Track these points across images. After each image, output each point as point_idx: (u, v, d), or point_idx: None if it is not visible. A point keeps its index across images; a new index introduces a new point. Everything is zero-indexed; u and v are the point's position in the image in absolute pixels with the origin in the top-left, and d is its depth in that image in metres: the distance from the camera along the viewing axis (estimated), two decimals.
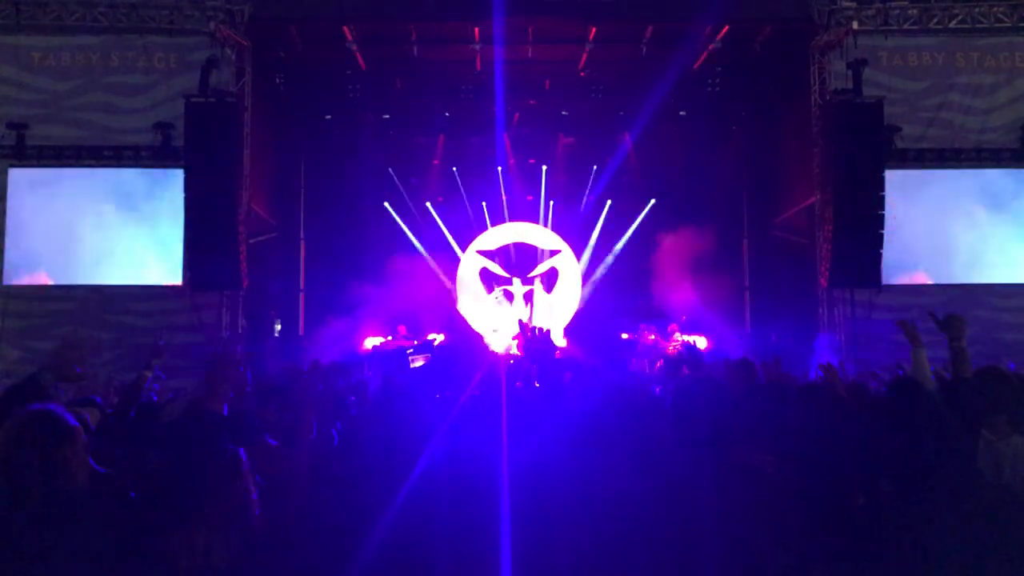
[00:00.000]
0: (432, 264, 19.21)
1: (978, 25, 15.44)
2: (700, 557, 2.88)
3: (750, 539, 2.88)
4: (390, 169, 19.17)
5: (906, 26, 15.39)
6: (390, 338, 17.08)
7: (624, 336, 17.72)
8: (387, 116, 18.02)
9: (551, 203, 19.84)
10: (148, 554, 2.73)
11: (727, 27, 15.37)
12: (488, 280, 19.81)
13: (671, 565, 2.91)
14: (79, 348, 3.92)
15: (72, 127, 14.99)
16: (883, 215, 14.35)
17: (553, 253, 19.97)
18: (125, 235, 15.05)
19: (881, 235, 14.39)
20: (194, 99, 14.01)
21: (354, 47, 15.79)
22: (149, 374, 5.71)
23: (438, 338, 17.18)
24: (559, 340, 16.98)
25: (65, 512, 2.68)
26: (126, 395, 5.07)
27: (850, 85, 14.52)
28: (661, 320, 17.84)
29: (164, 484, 2.79)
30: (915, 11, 15.39)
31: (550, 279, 19.86)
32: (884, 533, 2.82)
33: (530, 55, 16.76)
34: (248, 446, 3.32)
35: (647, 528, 3.01)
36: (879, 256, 14.48)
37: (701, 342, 16.86)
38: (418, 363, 14.56)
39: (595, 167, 19.42)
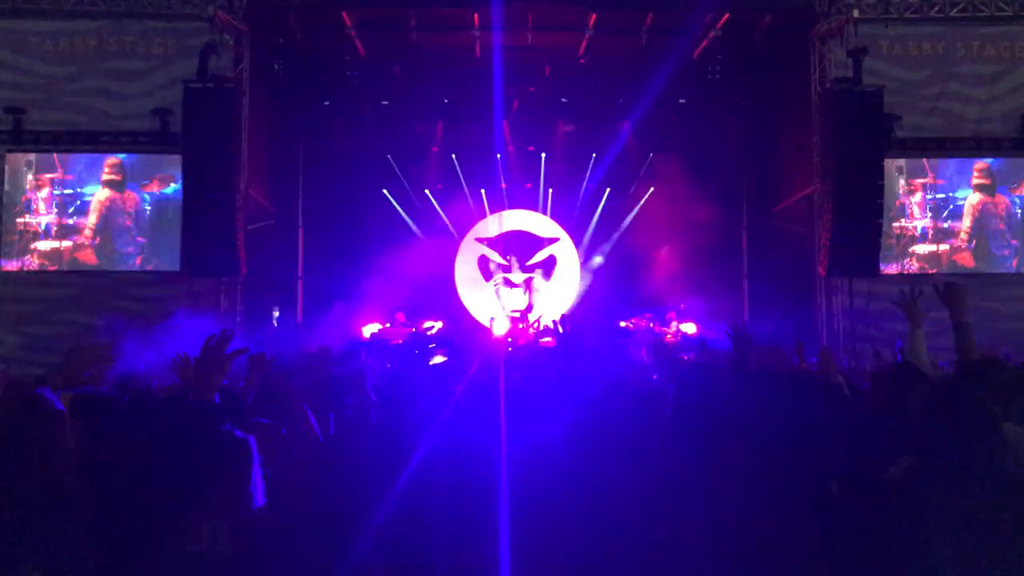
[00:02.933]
0: (431, 251, 19.18)
1: (979, 14, 15.41)
2: (694, 547, 2.89)
3: (742, 526, 2.88)
4: (389, 156, 19.11)
5: (907, 14, 15.36)
6: (388, 325, 17.09)
7: (622, 324, 17.76)
8: (386, 102, 17.96)
9: (550, 191, 19.81)
10: (150, 540, 2.74)
11: (727, 15, 15.30)
12: (487, 268, 19.81)
13: (666, 557, 2.91)
14: (89, 356, 4.03)
15: (70, 112, 14.97)
16: (882, 204, 14.37)
17: (552, 241, 19.97)
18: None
19: (880, 224, 14.41)
20: (192, 85, 13.97)
21: (353, 33, 15.72)
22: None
23: (436, 325, 17.20)
24: (558, 329, 16.94)
25: (52, 496, 2.69)
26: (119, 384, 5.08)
27: (850, 73, 14.48)
28: (659, 308, 17.87)
29: (157, 473, 2.80)
30: None
31: (548, 267, 19.86)
32: (874, 519, 2.83)
33: (530, 42, 16.70)
34: (246, 431, 3.32)
35: (642, 518, 3.01)
36: (878, 245, 14.51)
37: (690, 328, 16.96)
38: (438, 359, 14.55)
39: (594, 155, 19.38)
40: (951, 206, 15.85)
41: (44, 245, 14.99)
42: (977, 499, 2.61)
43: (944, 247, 15.78)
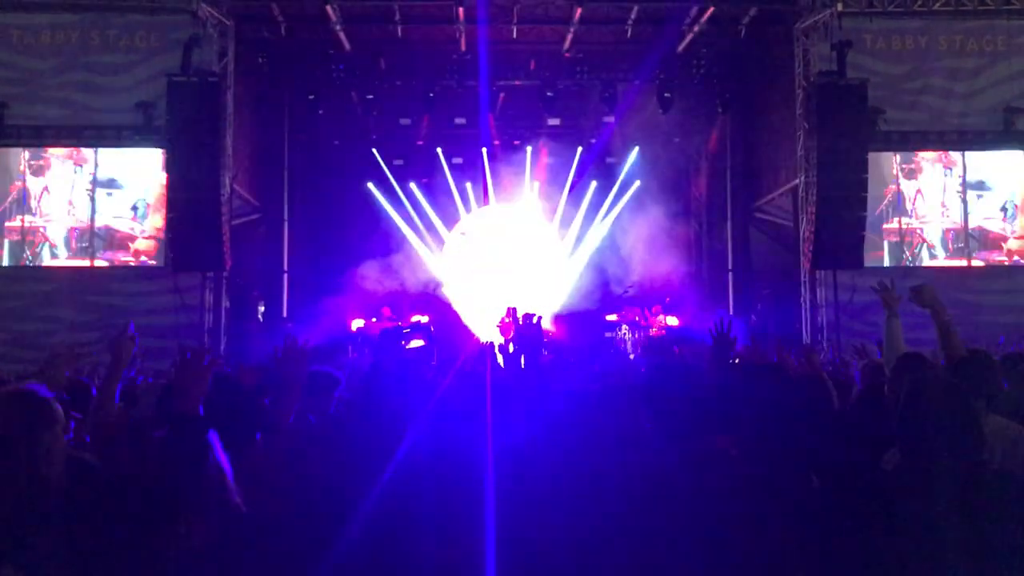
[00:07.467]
0: (416, 245, 19.18)
1: (961, 8, 15.46)
2: (676, 541, 2.91)
3: (722, 521, 2.91)
4: (374, 150, 19.09)
5: (890, 8, 15.39)
6: (375, 320, 17.07)
7: (608, 317, 17.81)
8: (371, 96, 17.89)
9: (536, 184, 19.82)
10: (127, 542, 2.73)
11: (712, 8, 15.31)
12: (473, 261, 19.81)
13: (651, 554, 2.93)
14: (68, 357, 4.07)
15: (52, 106, 14.82)
16: (866, 197, 14.44)
17: (538, 234, 19.98)
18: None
19: (864, 217, 14.48)
20: (176, 78, 13.89)
21: (338, 27, 15.65)
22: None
23: (422, 320, 17.20)
24: (546, 323, 16.99)
25: (43, 497, 2.67)
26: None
27: (834, 67, 14.53)
28: (644, 301, 17.92)
29: (142, 482, 2.80)
30: None
31: (535, 260, 19.87)
32: (854, 513, 2.85)
33: (515, 35, 16.69)
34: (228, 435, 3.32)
35: (626, 512, 3.03)
36: (862, 238, 14.57)
37: (673, 320, 17.04)
38: (415, 344, 14.59)
39: (580, 148, 19.41)
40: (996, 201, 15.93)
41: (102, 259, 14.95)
42: (959, 492, 2.64)
43: None
